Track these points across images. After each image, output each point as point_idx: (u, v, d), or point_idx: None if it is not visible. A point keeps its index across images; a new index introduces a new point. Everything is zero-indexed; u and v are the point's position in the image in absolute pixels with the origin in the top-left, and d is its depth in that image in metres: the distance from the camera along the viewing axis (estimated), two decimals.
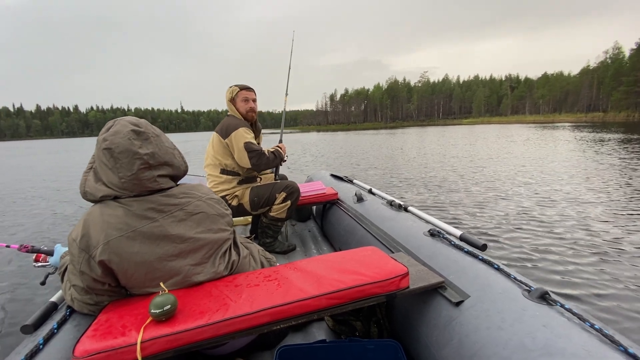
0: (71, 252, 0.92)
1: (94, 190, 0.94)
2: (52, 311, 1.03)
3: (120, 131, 0.92)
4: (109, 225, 0.89)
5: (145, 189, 0.94)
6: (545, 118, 65.41)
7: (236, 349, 1.20)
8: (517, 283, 0.97)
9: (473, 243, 1.25)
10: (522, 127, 33.06)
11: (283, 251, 2.21)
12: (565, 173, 6.90)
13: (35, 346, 0.84)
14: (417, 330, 1.09)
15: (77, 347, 0.78)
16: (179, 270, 0.97)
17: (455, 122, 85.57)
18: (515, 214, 4.21)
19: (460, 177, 7.01)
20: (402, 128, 60.52)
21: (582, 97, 66.28)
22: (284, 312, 0.89)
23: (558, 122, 51.11)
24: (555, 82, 79.09)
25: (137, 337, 0.79)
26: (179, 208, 0.98)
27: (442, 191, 5.77)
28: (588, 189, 5.38)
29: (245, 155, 1.99)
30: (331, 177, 3.00)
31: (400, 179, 7.23)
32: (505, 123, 59.39)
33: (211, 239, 1.02)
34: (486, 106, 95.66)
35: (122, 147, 0.90)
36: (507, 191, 5.51)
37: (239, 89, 2.12)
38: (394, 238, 1.53)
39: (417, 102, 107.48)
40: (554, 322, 0.79)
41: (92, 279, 0.91)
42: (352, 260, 1.10)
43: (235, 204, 2.08)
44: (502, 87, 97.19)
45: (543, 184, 5.93)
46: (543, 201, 4.77)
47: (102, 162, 0.92)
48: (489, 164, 8.84)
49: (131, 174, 0.91)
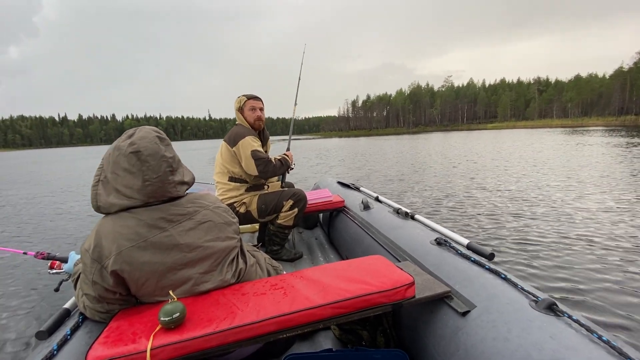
0: (84, 262, 0.94)
1: (107, 204, 0.95)
2: (65, 317, 1.06)
3: (146, 136, 0.96)
4: (121, 235, 0.92)
5: (164, 195, 0.97)
6: (574, 122, 63.27)
7: (243, 357, 1.21)
8: (524, 293, 0.97)
9: (480, 252, 1.25)
10: (547, 132, 31.90)
11: (290, 259, 2.23)
12: (590, 182, 6.69)
13: (50, 352, 0.87)
14: (423, 340, 1.08)
15: (89, 353, 0.80)
16: (188, 278, 0.99)
17: (480, 126, 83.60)
18: (528, 224, 4.14)
19: (470, 183, 6.93)
20: (425, 133, 59.81)
21: (613, 100, 63.32)
22: (291, 320, 0.90)
23: (587, 126, 48.74)
24: (584, 85, 76.02)
25: (147, 344, 0.81)
26: (188, 217, 1.00)
27: (452, 199, 5.72)
28: (612, 200, 5.23)
29: (252, 163, 2.03)
30: (338, 184, 3.01)
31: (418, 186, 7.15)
32: (531, 127, 57.41)
33: (219, 248, 1.04)
34: (512, 110, 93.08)
35: (151, 149, 0.94)
36: (526, 200, 5.42)
37: (247, 98, 2.16)
38: (400, 247, 1.53)
39: (441, 106, 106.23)
40: (561, 334, 0.78)
41: (104, 288, 0.93)
42: (358, 269, 1.10)
43: (243, 211, 2.11)
44: (530, 90, 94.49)
45: (559, 192, 5.81)
46: (558, 211, 4.69)
47: (121, 167, 0.94)
48: (507, 172, 8.71)
49: (157, 176, 0.94)
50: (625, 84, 60.71)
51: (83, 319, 1.03)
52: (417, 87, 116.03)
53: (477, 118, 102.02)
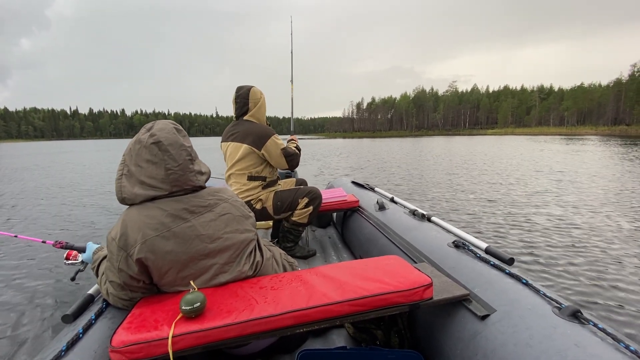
0: (110, 250, 0.97)
1: (132, 195, 0.98)
2: (90, 303, 1.09)
3: (164, 128, 1.01)
4: (146, 225, 0.94)
5: (186, 183, 1.00)
6: (568, 130, 66.19)
7: (257, 350, 1.22)
8: (546, 299, 0.94)
9: (499, 256, 1.22)
10: (540, 140, 32.37)
11: (303, 256, 2.24)
12: (602, 189, 6.54)
13: (76, 335, 0.90)
14: (439, 342, 1.07)
15: (114, 338, 0.83)
16: (208, 268, 1.02)
17: (481, 132, 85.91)
18: (546, 229, 4.04)
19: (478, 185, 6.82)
20: (427, 137, 62.49)
21: (608, 110, 65.52)
22: (307, 316, 0.91)
23: (580, 134, 51.44)
24: (581, 94, 77.43)
25: (168, 332, 0.83)
26: (209, 209, 1.03)
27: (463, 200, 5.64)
28: (628, 207, 5.08)
29: (284, 160, 2.13)
30: (352, 184, 3.00)
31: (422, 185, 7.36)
32: (529, 134, 59.67)
33: (238, 239, 1.06)
34: (513, 117, 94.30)
35: (171, 139, 0.99)
36: (537, 205, 5.30)
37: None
38: (416, 248, 1.51)
39: (444, 111, 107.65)
40: (586, 342, 0.76)
41: (129, 276, 0.96)
42: (376, 268, 1.10)
43: (259, 208, 2.12)
44: (532, 97, 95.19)
45: (579, 199, 5.65)
46: (577, 218, 4.56)
47: (144, 159, 0.97)
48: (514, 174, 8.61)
49: (179, 164, 0.98)
50: (621, 95, 62.30)
51: (106, 305, 1.07)
52: (422, 91, 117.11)
53: (479, 123, 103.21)
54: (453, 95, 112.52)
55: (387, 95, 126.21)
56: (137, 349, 0.81)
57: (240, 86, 2.14)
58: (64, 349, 0.84)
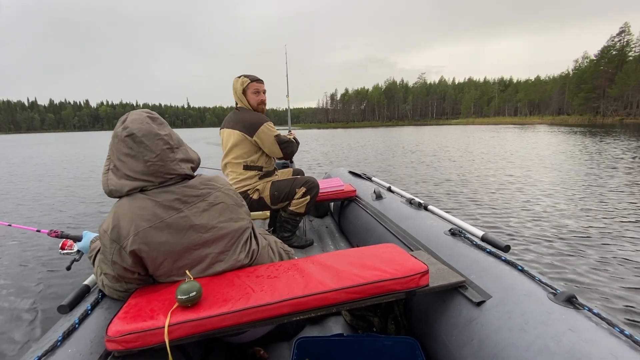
0: (103, 243, 0.96)
1: (119, 186, 0.96)
2: (86, 293, 1.09)
3: (137, 118, 0.97)
4: (138, 216, 0.93)
5: (170, 174, 0.98)
6: (520, 120, 72.84)
7: (255, 339, 1.23)
8: (542, 285, 0.95)
9: (496, 244, 1.22)
10: (490, 129, 36.04)
11: (301, 246, 2.24)
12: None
13: (72, 325, 0.90)
14: (435, 328, 1.08)
15: (110, 327, 0.83)
16: (204, 258, 1.01)
17: (447, 122, 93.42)
18: (538, 216, 4.07)
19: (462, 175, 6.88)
20: (398, 127, 68.04)
21: (553, 102, 72.85)
22: (304, 303, 0.91)
23: (530, 123, 57.54)
24: (531, 87, 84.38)
25: (164, 321, 0.83)
26: (201, 199, 1.02)
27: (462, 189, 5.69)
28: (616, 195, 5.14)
29: (277, 147, 2.09)
30: (349, 174, 2.99)
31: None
32: (487, 124, 65.23)
33: (233, 228, 1.06)
34: (475, 107, 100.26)
35: (144, 130, 0.95)
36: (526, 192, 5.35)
37: (250, 80, 2.07)
38: (413, 236, 1.51)
39: (413, 102, 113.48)
40: (581, 326, 0.76)
41: (123, 268, 0.95)
42: (372, 256, 1.10)
43: (256, 198, 2.11)
44: (492, 89, 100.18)
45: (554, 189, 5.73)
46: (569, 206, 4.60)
47: (123, 153, 0.95)
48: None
49: (156, 155, 0.95)
50: (565, 87, 68.37)
51: (102, 295, 1.06)
52: (393, 82, 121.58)
53: (445, 114, 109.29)
54: (421, 86, 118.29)
55: (360, 87, 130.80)
56: (133, 338, 0.81)
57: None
58: (60, 339, 0.84)
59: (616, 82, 51.62)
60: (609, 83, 53.64)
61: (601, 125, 36.32)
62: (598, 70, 57.19)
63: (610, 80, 53.41)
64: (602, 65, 56.96)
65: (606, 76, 54.52)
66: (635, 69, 49.30)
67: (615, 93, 51.57)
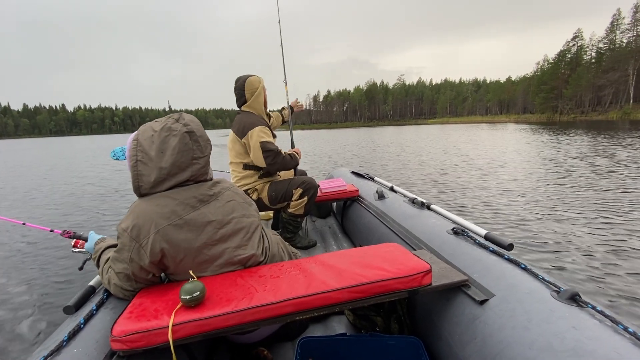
0: (121, 241, 0.97)
1: (148, 184, 0.98)
2: (91, 294, 1.10)
3: (194, 120, 1.06)
4: (158, 214, 0.95)
5: (203, 175, 1.05)
6: (489, 118, 78.75)
7: (259, 339, 1.24)
8: (545, 283, 0.95)
9: (499, 242, 1.22)
10: (465, 127, 38.84)
11: (304, 246, 2.24)
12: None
13: (77, 325, 0.90)
14: (438, 327, 1.08)
15: (115, 327, 0.83)
16: (221, 253, 1.04)
17: (425, 122, 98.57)
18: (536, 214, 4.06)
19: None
20: (379, 127, 71.78)
21: (518, 102, 78.27)
22: (307, 303, 0.91)
23: (498, 122, 62.27)
24: (498, 88, 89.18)
25: (168, 321, 0.83)
26: (215, 197, 1.06)
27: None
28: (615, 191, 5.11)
29: (261, 154, 1.98)
30: (352, 174, 3.00)
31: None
32: (460, 123, 70.14)
33: (247, 223, 1.10)
34: (451, 107, 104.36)
35: (201, 131, 1.05)
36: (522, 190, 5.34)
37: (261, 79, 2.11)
38: (416, 236, 1.51)
39: (392, 103, 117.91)
40: (584, 324, 0.76)
41: (140, 267, 0.97)
42: (374, 255, 1.10)
43: (255, 198, 2.12)
44: (466, 90, 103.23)
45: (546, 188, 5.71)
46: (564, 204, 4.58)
47: (171, 147, 0.97)
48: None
49: (204, 155, 1.04)
50: (528, 88, 72.38)
51: (107, 296, 1.07)
52: (373, 84, 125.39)
53: (423, 114, 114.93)
54: (401, 88, 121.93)
55: (342, 88, 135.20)
56: (137, 337, 0.82)
57: (238, 77, 2.14)
58: (65, 339, 0.84)
59: (570, 83, 56.66)
60: (564, 84, 58.57)
61: (559, 123, 40.76)
62: (556, 72, 62.06)
63: (566, 82, 58.32)
64: (561, 67, 61.82)
65: (563, 78, 59.60)
66: (586, 71, 54.87)
67: (570, 93, 56.60)
